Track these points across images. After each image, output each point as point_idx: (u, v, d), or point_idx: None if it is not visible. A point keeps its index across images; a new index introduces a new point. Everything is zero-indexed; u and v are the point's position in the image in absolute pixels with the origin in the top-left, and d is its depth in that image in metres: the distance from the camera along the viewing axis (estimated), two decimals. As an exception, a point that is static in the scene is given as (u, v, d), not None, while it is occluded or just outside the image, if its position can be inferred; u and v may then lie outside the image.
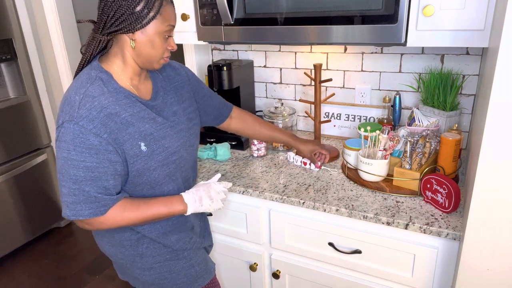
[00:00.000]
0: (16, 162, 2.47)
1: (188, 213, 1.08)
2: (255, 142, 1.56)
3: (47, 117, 2.68)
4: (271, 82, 1.89)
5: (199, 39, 1.50)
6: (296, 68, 1.80)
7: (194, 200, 1.08)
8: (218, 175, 1.18)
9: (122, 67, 1.01)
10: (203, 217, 1.30)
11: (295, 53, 1.77)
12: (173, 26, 1.00)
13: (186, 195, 1.08)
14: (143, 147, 0.99)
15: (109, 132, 0.93)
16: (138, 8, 0.93)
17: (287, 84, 1.85)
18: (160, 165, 1.03)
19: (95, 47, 0.99)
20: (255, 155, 1.59)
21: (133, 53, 0.99)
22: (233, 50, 1.92)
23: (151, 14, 0.94)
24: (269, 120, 1.66)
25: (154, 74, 1.13)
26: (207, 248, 1.32)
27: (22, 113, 2.46)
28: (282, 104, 1.70)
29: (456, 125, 1.33)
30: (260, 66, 1.88)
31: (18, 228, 2.53)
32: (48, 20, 2.43)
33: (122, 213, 0.99)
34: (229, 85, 1.68)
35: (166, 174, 1.06)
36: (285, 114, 1.65)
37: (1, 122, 2.34)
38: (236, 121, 1.39)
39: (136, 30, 0.95)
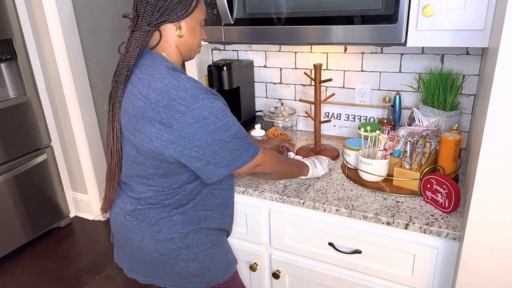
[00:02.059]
0: (16, 162, 2.47)
1: (308, 175, 1.32)
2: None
3: (47, 117, 2.68)
4: (271, 82, 1.89)
5: (199, 39, 1.50)
6: (296, 68, 1.80)
7: (310, 164, 1.33)
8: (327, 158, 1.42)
9: (172, 58, 1.05)
10: None
11: (295, 53, 1.78)
12: (205, 15, 1.09)
13: (305, 160, 1.33)
14: None
15: (219, 94, 1.01)
16: None
17: (287, 84, 1.85)
18: None
19: (145, 40, 1.00)
20: None
21: (179, 43, 1.05)
22: (233, 50, 1.92)
23: (194, 2, 1.02)
24: (269, 120, 1.65)
25: None
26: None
27: (22, 113, 2.46)
28: (282, 104, 1.70)
29: (456, 125, 1.33)
30: (260, 66, 1.88)
31: (18, 228, 2.54)
32: (48, 20, 2.43)
33: (276, 155, 1.15)
34: (229, 85, 1.68)
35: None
36: (285, 114, 1.65)
37: (1, 122, 2.35)
38: None
39: (183, 19, 1.01)
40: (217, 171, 1.02)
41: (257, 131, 1.56)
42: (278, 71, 1.85)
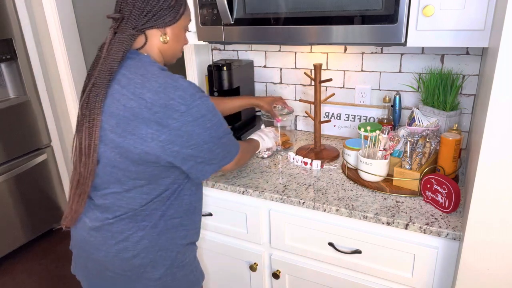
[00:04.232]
0: (16, 162, 2.47)
1: (261, 147, 1.41)
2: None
3: (47, 117, 2.68)
4: (271, 82, 1.89)
5: (199, 39, 1.50)
6: (296, 68, 1.80)
7: (258, 137, 1.41)
8: (269, 127, 1.53)
9: (156, 61, 1.05)
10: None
11: (295, 53, 1.78)
12: (190, 20, 1.11)
13: (254, 137, 1.41)
14: None
15: None
16: (173, 2, 1.01)
17: (287, 84, 1.85)
18: None
19: (129, 43, 0.98)
20: (265, 156, 1.58)
21: (163, 48, 1.05)
22: (233, 50, 1.92)
23: (182, 9, 1.03)
24: (267, 119, 1.66)
25: None
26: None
27: (22, 113, 2.46)
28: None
29: (456, 125, 1.33)
30: (260, 66, 1.88)
31: (18, 228, 2.54)
32: (48, 20, 2.43)
33: (243, 145, 1.18)
34: (229, 85, 1.68)
35: None
36: (284, 113, 1.65)
37: (1, 122, 2.35)
38: None
39: (170, 25, 1.02)
40: (210, 168, 1.05)
41: None
42: (278, 71, 1.85)
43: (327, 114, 1.78)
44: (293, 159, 1.52)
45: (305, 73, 1.51)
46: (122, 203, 1.04)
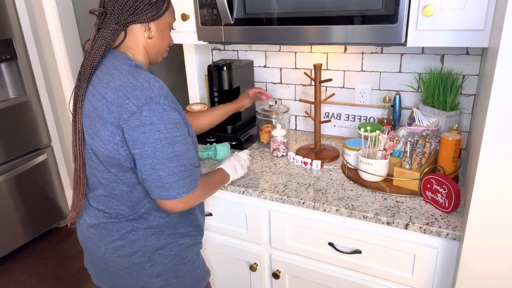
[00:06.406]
0: (16, 162, 2.47)
1: (230, 181, 1.26)
2: (285, 141, 1.55)
3: (47, 117, 2.68)
4: (271, 82, 1.89)
5: (199, 39, 1.50)
6: (296, 68, 1.80)
7: (231, 170, 1.26)
8: (246, 151, 1.38)
9: (136, 58, 1.02)
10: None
11: (295, 53, 1.77)
12: (175, 19, 1.08)
13: (225, 167, 1.25)
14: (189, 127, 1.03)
15: (180, 107, 0.97)
16: None
17: (287, 84, 1.85)
18: (194, 147, 1.04)
19: (111, 38, 0.97)
20: (285, 154, 1.58)
21: (147, 44, 1.02)
22: (233, 50, 1.92)
23: (165, 5, 1.01)
24: (263, 118, 1.66)
25: None
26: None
27: (22, 113, 2.46)
28: (276, 102, 1.69)
29: (456, 125, 1.33)
30: (260, 66, 1.88)
31: (18, 228, 2.53)
32: (48, 20, 2.43)
33: (205, 185, 1.04)
34: (229, 85, 1.68)
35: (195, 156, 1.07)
36: (280, 112, 1.65)
37: (1, 122, 2.35)
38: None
39: (153, 21, 1.00)
40: (152, 192, 0.95)
41: (278, 131, 1.54)
42: (278, 71, 1.85)
43: (327, 114, 1.78)
44: (293, 159, 1.52)
45: (305, 73, 1.51)
46: (113, 205, 1.04)
